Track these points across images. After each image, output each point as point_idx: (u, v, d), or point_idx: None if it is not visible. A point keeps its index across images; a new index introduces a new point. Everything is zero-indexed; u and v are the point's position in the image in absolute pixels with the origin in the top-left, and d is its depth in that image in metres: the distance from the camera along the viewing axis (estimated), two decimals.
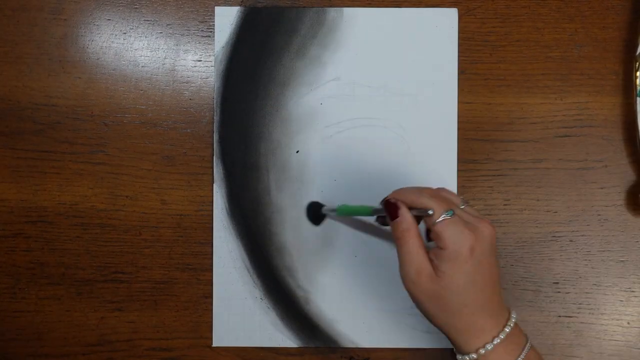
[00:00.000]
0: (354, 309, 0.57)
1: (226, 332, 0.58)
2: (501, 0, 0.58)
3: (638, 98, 0.56)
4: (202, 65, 0.58)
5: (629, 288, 0.57)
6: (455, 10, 0.58)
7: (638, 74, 0.56)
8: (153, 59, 0.58)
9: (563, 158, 0.58)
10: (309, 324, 0.58)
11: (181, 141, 0.58)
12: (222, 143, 0.58)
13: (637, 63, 0.56)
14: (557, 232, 0.57)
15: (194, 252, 0.58)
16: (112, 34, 0.58)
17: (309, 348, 0.58)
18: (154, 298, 0.58)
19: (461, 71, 0.58)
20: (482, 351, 0.46)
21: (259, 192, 0.58)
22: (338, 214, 0.56)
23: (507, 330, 0.46)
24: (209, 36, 0.58)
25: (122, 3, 0.58)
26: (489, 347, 0.46)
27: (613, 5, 0.58)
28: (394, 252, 0.57)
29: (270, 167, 0.58)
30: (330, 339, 0.57)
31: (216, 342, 0.58)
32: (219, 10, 0.58)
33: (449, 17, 0.58)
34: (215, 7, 0.58)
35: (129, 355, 0.58)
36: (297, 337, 0.58)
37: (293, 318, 0.58)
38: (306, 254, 0.58)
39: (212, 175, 0.58)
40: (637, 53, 0.56)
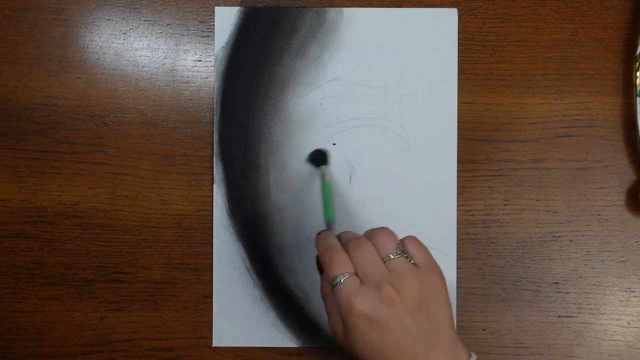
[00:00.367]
0: None
1: (226, 332, 0.58)
2: (501, 0, 0.58)
3: (638, 98, 0.56)
4: (202, 65, 0.58)
5: (629, 288, 0.57)
6: (455, 10, 0.58)
7: (638, 74, 0.56)
8: (153, 59, 0.58)
9: (563, 158, 0.58)
10: (309, 324, 0.58)
11: (181, 141, 0.58)
12: (222, 143, 0.58)
13: (637, 63, 0.56)
14: (557, 232, 0.57)
15: (194, 252, 0.58)
16: (112, 34, 0.58)
17: (309, 348, 0.58)
18: (154, 298, 0.58)
19: (461, 71, 0.58)
20: None
21: (259, 192, 0.58)
22: (322, 185, 0.55)
23: None
24: (209, 36, 0.58)
25: (122, 3, 0.58)
26: None
27: (613, 5, 0.58)
28: None
29: (270, 167, 0.58)
30: (330, 339, 0.57)
31: (216, 342, 0.58)
32: (219, 10, 0.58)
33: (449, 17, 0.58)
34: (215, 7, 0.58)
35: (129, 355, 0.58)
36: (297, 337, 0.58)
37: (293, 318, 0.58)
38: (306, 254, 0.58)
39: (212, 175, 0.58)
40: (637, 53, 0.56)
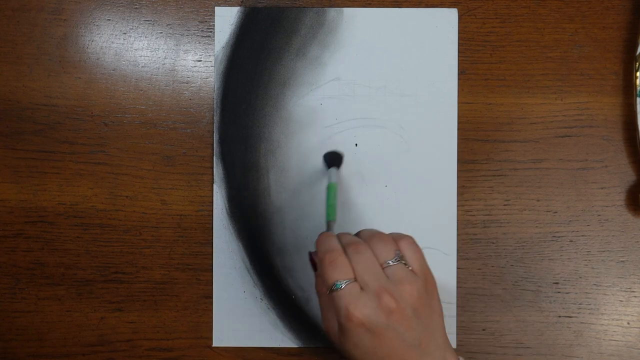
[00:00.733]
0: None
1: (226, 332, 0.58)
2: (501, 0, 0.58)
3: (638, 98, 0.56)
4: (202, 65, 0.58)
5: (629, 288, 0.57)
6: (455, 10, 0.58)
7: (638, 74, 0.56)
8: (153, 59, 0.58)
9: (563, 158, 0.58)
10: (309, 324, 0.58)
11: (181, 141, 0.58)
12: (222, 143, 0.58)
13: (637, 63, 0.56)
14: (557, 232, 0.57)
15: (194, 253, 0.58)
16: (112, 34, 0.58)
17: (309, 348, 0.58)
18: (154, 298, 0.58)
19: (461, 71, 0.58)
20: None
21: (259, 193, 0.58)
22: (329, 186, 0.55)
23: None
24: (209, 36, 0.58)
25: (122, 3, 0.58)
26: None
27: (613, 5, 0.58)
28: None
29: (270, 167, 0.58)
30: None
31: (216, 342, 0.58)
32: (219, 10, 0.58)
33: (449, 17, 0.58)
34: (215, 8, 0.58)
35: (129, 355, 0.58)
36: (297, 337, 0.58)
37: (293, 318, 0.58)
38: (306, 254, 0.58)
39: (212, 175, 0.58)
40: (637, 53, 0.56)
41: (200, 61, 0.58)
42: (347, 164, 0.58)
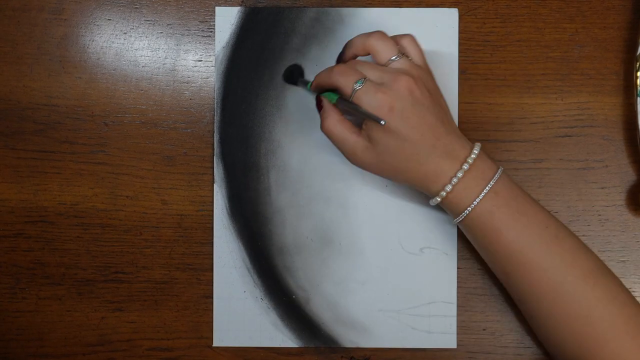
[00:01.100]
0: (354, 309, 0.57)
1: (226, 332, 0.58)
2: (501, 0, 0.58)
3: (638, 98, 0.56)
4: (203, 65, 0.58)
5: (629, 288, 0.57)
6: (455, 10, 0.58)
7: (639, 74, 0.56)
8: (153, 59, 0.58)
9: (563, 158, 0.58)
10: (310, 324, 0.58)
11: (181, 141, 0.58)
12: (223, 143, 0.58)
13: (638, 63, 0.56)
14: None
15: (195, 252, 0.58)
16: (113, 34, 0.58)
17: (310, 348, 0.58)
18: (155, 298, 0.58)
19: (461, 71, 0.58)
20: (443, 193, 0.49)
21: (259, 192, 0.58)
22: (308, 88, 0.55)
23: (466, 167, 0.49)
24: (210, 36, 0.58)
25: (123, 3, 0.58)
26: (448, 189, 0.49)
27: (613, 5, 0.58)
28: (393, 252, 0.58)
29: (270, 167, 0.58)
30: (330, 339, 0.57)
31: (216, 342, 0.58)
32: (220, 10, 0.58)
33: (449, 17, 0.58)
34: (215, 7, 0.58)
35: (129, 355, 0.58)
36: (298, 337, 0.58)
37: (293, 318, 0.58)
38: (306, 254, 0.58)
39: (213, 175, 0.58)
40: (638, 53, 0.56)
41: (200, 61, 0.58)
42: (347, 164, 0.58)
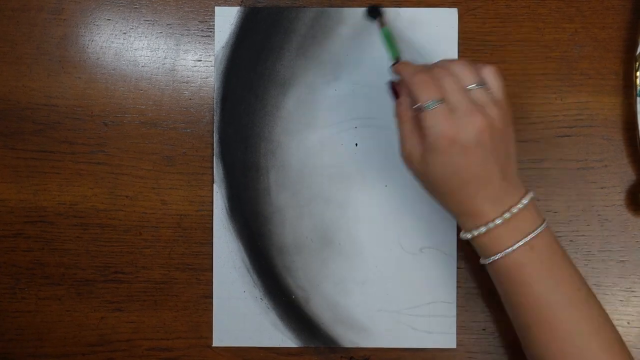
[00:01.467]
0: (354, 309, 0.57)
1: (226, 332, 0.58)
2: (501, 0, 0.58)
3: (638, 98, 0.56)
4: (202, 65, 0.58)
5: (629, 288, 0.57)
6: (455, 10, 0.58)
7: (638, 74, 0.56)
8: (153, 59, 0.58)
9: (563, 158, 0.58)
10: (309, 324, 0.58)
11: (181, 141, 0.58)
12: (222, 143, 0.58)
13: (637, 63, 0.56)
14: (557, 232, 0.57)
15: (194, 252, 0.58)
16: (112, 34, 0.58)
17: (309, 348, 0.58)
18: (154, 298, 0.58)
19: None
20: (475, 232, 0.48)
21: (259, 192, 0.58)
22: (382, 32, 0.56)
23: (507, 216, 0.47)
24: (209, 36, 0.58)
25: (122, 3, 0.58)
26: (482, 230, 0.47)
27: (613, 5, 0.58)
28: (393, 252, 0.58)
29: (270, 167, 0.58)
30: (330, 339, 0.57)
31: (216, 342, 0.58)
32: (219, 10, 0.58)
33: (449, 17, 0.58)
34: (215, 7, 0.58)
35: (129, 355, 0.58)
36: (297, 337, 0.58)
37: (293, 318, 0.58)
38: (306, 254, 0.58)
39: (212, 175, 0.58)
40: (637, 53, 0.56)
41: (200, 61, 0.58)
42: (348, 164, 0.58)
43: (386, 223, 0.58)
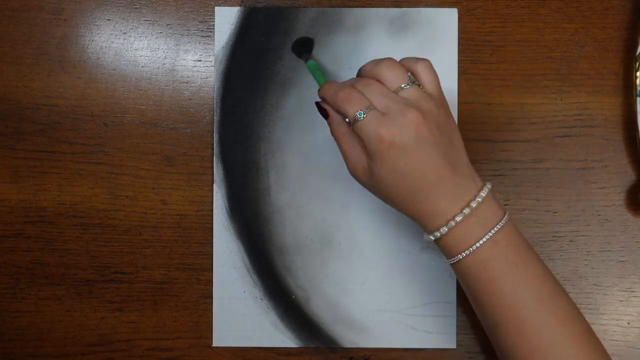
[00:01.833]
0: (354, 309, 0.57)
1: (226, 332, 0.58)
2: (501, 0, 0.58)
3: (638, 98, 0.56)
4: (202, 65, 0.58)
5: (629, 288, 0.57)
6: (455, 10, 0.58)
7: (638, 74, 0.56)
8: (153, 59, 0.58)
9: (563, 158, 0.58)
10: (309, 324, 0.58)
11: (181, 141, 0.58)
12: (222, 143, 0.58)
13: (637, 63, 0.56)
14: (557, 232, 0.57)
15: (194, 252, 0.58)
16: (112, 34, 0.58)
17: (309, 348, 0.58)
18: (154, 298, 0.58)
19: (461, 71, 0.58)
20: (437, 234, 0.46)
21: (259, 192, 0.58)
22: (307, 66, 0.56)
23: (467, 211, 0.45)
24: (209, 36, 0.58)
25: (122, 3, 0.58)
26: (443, 231, 0.46)
27: (613, 5, 0.58)
28: (393, 252, 0.58)
29: (270, 167, 0.58)
30: (330, 339, 0.57)
31: (216, 342, 0.58)
32: (219, 10, 0.58)
33: (449, 17, 0.58)
34: (215, 7, 0.58)
35: (129, 355, 0.58)
36: (297, 337, 0.58)
37: (293, 318, 0.58)
38: (306, 254, 0.58)
39: (212, 175, 0.58)
40: (637, 53, 0.56)
41: (200, 61, 0.58)
42: None
43: (386, 223, 0.58)
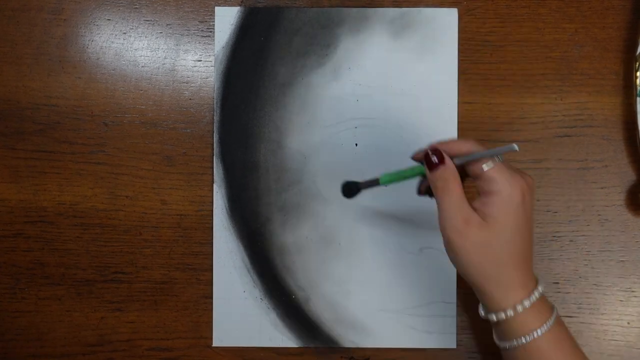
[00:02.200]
0: (354, 309, 0.57)
1: (226, 332, 0.58)
2: (501, 0, 0.58)
3: (638, 98, 0.56)
4: (202, 65, 0.58)
5: (629, 288, 0.57)
6: (455, 10, 0.58)
7: (638, 74, 0.56)
8: (153, 59, 0.58)
9: (563, 158, 0.58)
10: (309, 324, 0.58)
11: (181, 141, 0.58)
12: (222, 143, 0.58)
13: (637, 63, 0.56)
14: (557, 232, 0.57)
15: (194, 252, 0.58)
16: (112, 34, 0.58)
17: (309, 348, 0.58)
18: (154, 298, 0.58)
19: (461, 71, 0.58)
20: (519, 307, 0.46)
21: (259, 192, 0.58)
22: (382, 183, 0.52)
23: (534, 299, 0.46)
24: (209, 36, 0.58)
25: (122, 3, 0.58)
26: (510, 313, 0.45)
27: (613, 5, 0.58)
28: (393, 252, 0.58)
29: (270, 167, 0.58)
30: (330, 339, 0.57)
31: (216, 342, 0.58)
32: (219, 10, 0.58)
33: (449, 17, 0.58)
34: (215, 7, 0.58)
35: (129, 355, 0.58)
36: (297, 337, 0.58)
37: (293, 318, 0.58)
38: (306, 254, 0.58)
39: (212, 175, 0.58)
40: (637, 53, 0.56)
41: (200, 61, 0.58)
42: (347, 164, 0.58)
43: (386, 223, 0.58)
